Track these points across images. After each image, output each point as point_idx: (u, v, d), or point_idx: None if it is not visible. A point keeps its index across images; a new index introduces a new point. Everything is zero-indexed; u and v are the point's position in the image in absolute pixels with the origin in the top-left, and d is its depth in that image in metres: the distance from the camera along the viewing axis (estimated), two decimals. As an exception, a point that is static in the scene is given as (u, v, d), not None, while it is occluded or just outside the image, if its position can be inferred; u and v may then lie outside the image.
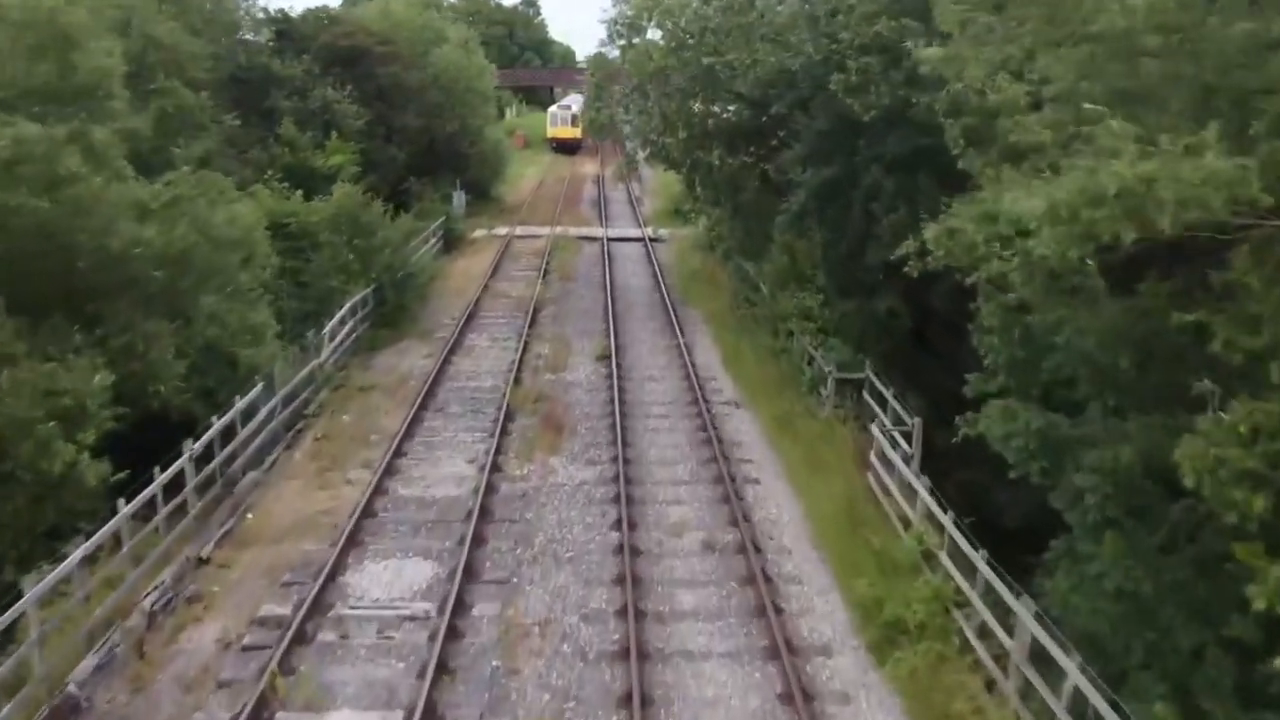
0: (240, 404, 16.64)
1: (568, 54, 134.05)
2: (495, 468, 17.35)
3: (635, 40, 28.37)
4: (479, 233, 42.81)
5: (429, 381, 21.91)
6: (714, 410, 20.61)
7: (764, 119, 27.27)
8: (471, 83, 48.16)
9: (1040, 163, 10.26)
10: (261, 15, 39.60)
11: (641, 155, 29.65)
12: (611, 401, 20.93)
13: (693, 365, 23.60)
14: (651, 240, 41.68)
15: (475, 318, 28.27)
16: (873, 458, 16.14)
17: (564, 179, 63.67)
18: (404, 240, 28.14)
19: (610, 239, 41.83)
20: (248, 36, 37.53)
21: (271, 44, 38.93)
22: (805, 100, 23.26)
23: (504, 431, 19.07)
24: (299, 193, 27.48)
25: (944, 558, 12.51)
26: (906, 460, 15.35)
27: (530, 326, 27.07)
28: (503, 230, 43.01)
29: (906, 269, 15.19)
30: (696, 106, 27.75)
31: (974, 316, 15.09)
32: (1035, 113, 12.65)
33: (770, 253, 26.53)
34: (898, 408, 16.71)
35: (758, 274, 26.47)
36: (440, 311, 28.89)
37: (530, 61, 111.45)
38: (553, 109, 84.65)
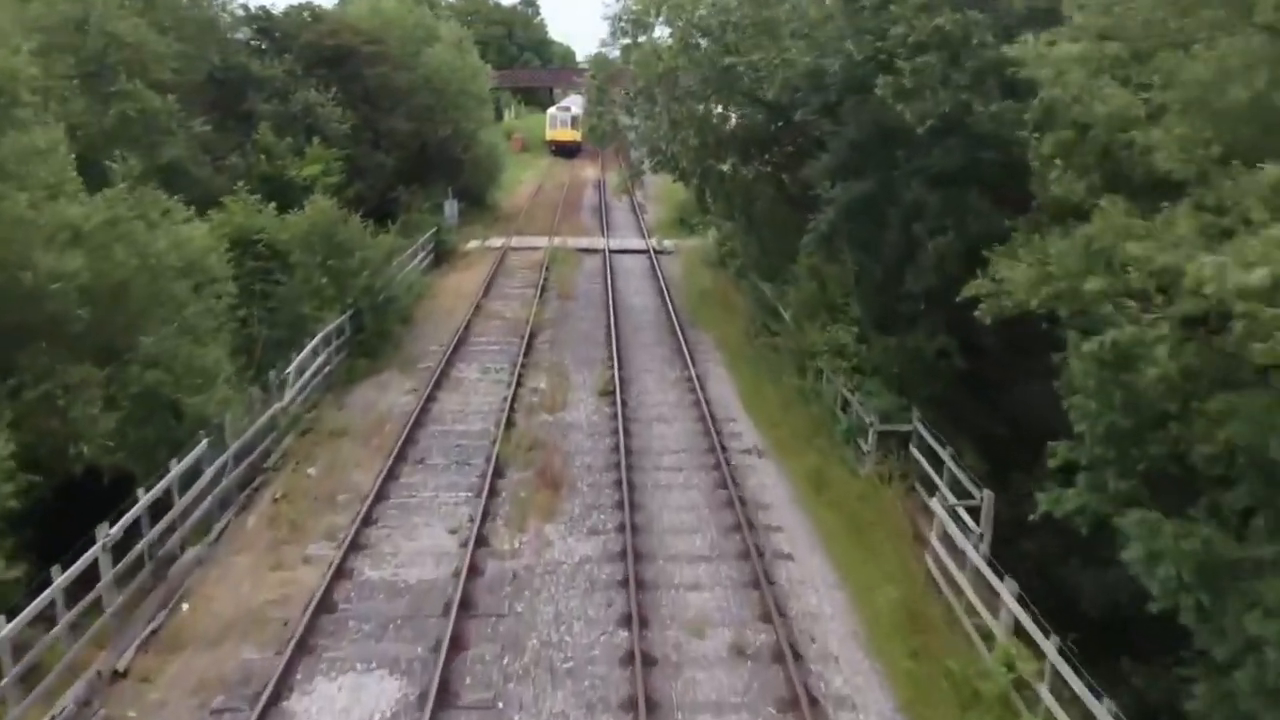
0: (178, 468, 14.00)
1: (567, 54, 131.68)
2: (481, 540, 14.73)
3: (641, 38, 25.75)
4: (472, 244, 40.20)
5: (409, 425, 19.29)
6: (733, 461, 18.00)
7: (782, 124, 24.71)
8: (465, 84, 45.42)
9: (1204, 198, 7.72)
10: (241, 13, 37.05)
11: (647, 164, 26.96)
12: (616, 449, 18.32)
13: (707, 403, 20.99)
14: (656, 253, 39.07)
15: (465, 344, 25.65)
16: (933, 537, 13.50)
17: (563, 185, 61.09)
18: (385, 259, 25.48)
19: (612, 250, 39.25)
20: (225, 35, 34.73)
21: (251, 43, 36.36)
22: (833, 105, 20.67)
23: (492, 490, 16.45)
24: (271, 205, 24.92)
25: (1044, 691, 9.88)
26: (974, 541, 12.74)
27: (525, 355, 24.45)
28: (498, 242, 40.40)
29: (978, 312, 12.66)
30: (709, 110, 25.18)
31: (1060, 371, 12.53)
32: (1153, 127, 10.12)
33: (791, 273, 23.97)
34: (957, 472, 14.05)
35: (777, 298, 23.83)
36: (426, 336, 26.27)
37: (529, 62, 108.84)
38: (552, 111, 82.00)
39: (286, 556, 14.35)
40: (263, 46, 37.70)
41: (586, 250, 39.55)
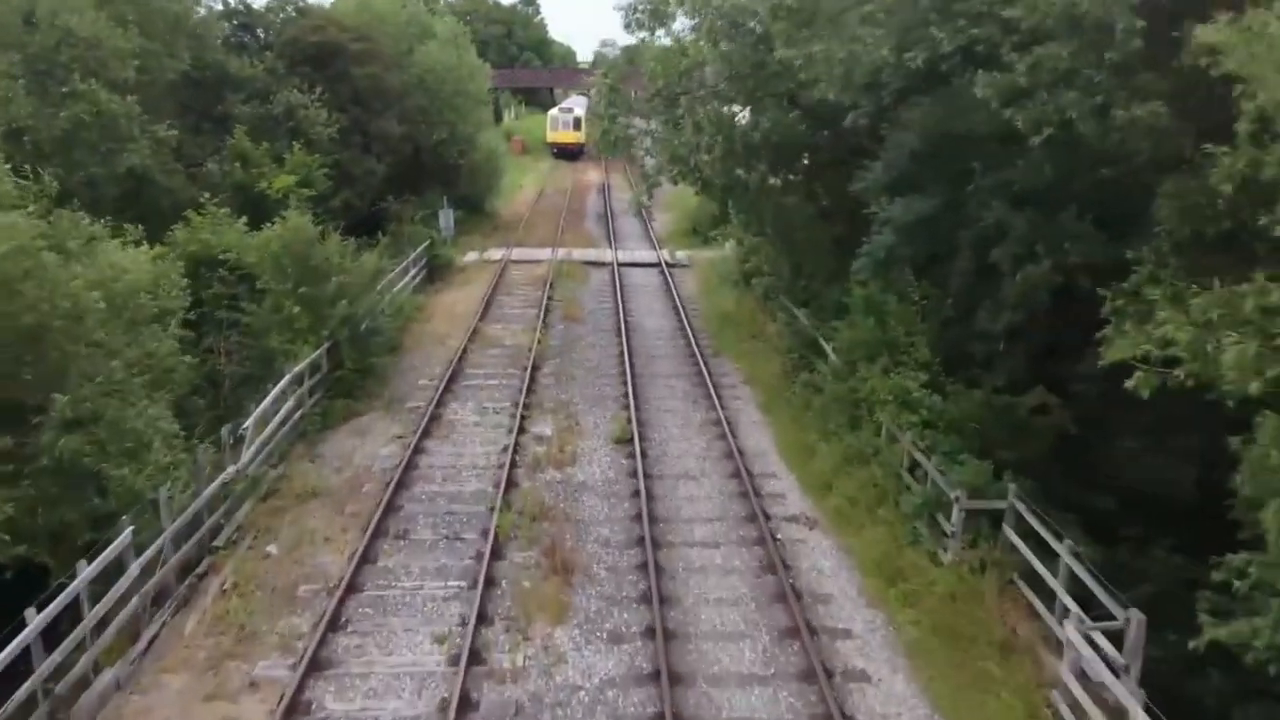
0: (86, 572, 10.97)
1: (568, 54, 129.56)
2: (475, 655, 11.71)
3: (659, 31, 22.75)
4: (470, 256, 37.23)
5: (392, 485, 16.27)
6: (779, 534, 15.02)
7: (822, 130, 21.72)
8: (462, 84, 42.36)
9: None
10: (220, 7, 34.06)
11: (664, 175, 23.90)
12: (639, 519, 15.31)
13: (740, 453, 17.99)
14: (669, 265, 36.07)
15: (459, 377, 22.62)
16: (1063, 669, 10.45)
17: (565, 190, 58.07)
18: (369, 284, 22.43)
19: (621, 264, 36.27)
20: (199, 30, 31.69)
21: (229, 40, 33.38)
22: (887, 108, 17.68)
23: (489, 579, 13.42)
24: (243, 220, 21.99)
25: None
26: (1114, 671, 9.74)
27: (528, 392, 21.42)
28: (497, 254, 37.39)
29: (1131, 383, 9.65)
30: (740, 113, 22.20)
31: (1237, 458, 9.53)
32: None
33: (831, 298, 21.01)
34: (1086, 578, 10.93)
35: (816, 328, 20.79)
36: (416, 369, 23.23)
37: (530, 62, 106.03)
38: (553, 112, 79.11)
39: (229, 679, 11.31)
40: (245, 40, 34.89)
41: (593, 263, 36.54)
